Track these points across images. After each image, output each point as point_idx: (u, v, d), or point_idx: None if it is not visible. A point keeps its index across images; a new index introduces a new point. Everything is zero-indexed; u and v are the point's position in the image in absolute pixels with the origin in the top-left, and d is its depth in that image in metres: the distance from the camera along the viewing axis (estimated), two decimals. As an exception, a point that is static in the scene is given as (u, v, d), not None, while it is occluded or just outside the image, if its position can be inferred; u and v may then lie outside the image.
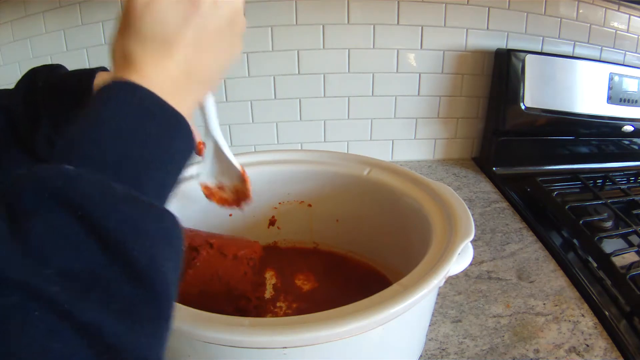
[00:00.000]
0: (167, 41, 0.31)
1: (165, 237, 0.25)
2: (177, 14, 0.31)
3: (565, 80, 0.90)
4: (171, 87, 0.31)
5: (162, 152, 0.29)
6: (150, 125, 0.28)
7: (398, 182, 0.56)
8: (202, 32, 0.32)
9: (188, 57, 0.31)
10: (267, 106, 0.93)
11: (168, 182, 0.30)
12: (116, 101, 0.28)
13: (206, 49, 0.33)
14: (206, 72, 0.34)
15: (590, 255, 0.69)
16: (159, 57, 0.31)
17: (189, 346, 0.38)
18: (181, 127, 0.31)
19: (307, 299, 0.56)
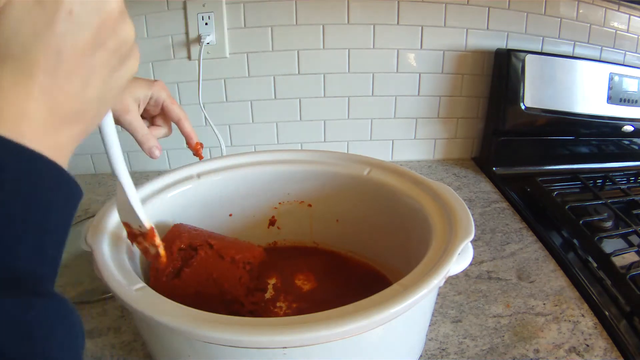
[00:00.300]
0: (19, 62, 0.25)
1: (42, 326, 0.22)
2: (29, 28, 0.25)
3: (565, 80, 0.90)
4: (32, 124, 0.25)
5: (26, 210, 0.23)
6: (4, 182, 0.23)
7: (398, 182, 0.56)
8: (59, 54, 0.25)
9: (48, 87, 0.25)
10: (267, 106, 0.93)
11: (48, 243, 0.25)
12: None
13: (69, 77, 0.26)
14: (75, 106, 0.27)
15: (590, 255, 0.69)
16: (12, 79, 0.25)
17: (189, 346, 0.38)
18: (49, 174, 0.25)
19: (307, 299, 0.56)
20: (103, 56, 0.27)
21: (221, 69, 0.90)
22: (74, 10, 0.25)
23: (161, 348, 0.42)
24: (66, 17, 0.25)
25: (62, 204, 0.26)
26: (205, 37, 0.86)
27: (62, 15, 0.25)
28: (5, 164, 0.23)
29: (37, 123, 0.25)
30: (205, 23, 0.85)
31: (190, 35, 0.86)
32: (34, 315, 0.22)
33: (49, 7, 0.25)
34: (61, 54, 0.25)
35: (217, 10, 0.85)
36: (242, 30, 0.87)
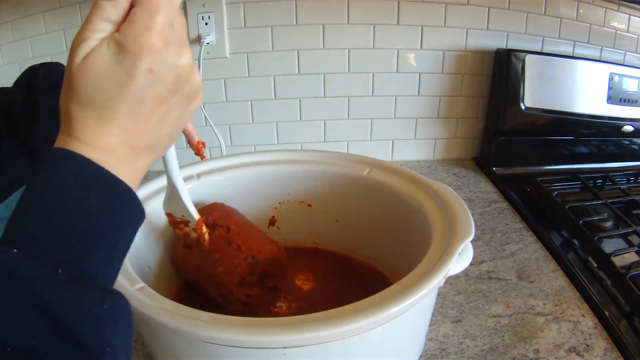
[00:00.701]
0: (103, 109, 0.29)
1: (110, 317, 0.26)
2: (111, 83, 0.28)
3: (565, 80, 0.90)
4: (113, 155, 0.30)
5: (106, 226, 0.28)
6: (91, 199, 0.28)
7: (398, 182, 0.56)
8: (141, 103, 0.29)
9: (128, 127, 0.30)
10: (267, 106, 0.93)
11: (116, 254, 0.29)
12: (55, 174, 0.28)
13: (148, 118, 0.30)
14: (152, 139, 0.32)
15: (590, 255, 0.69)
16: (96, 124, 0.29)
17: (189, 346, 0.38)
18: (125, 197, 0.30)
19: (307, 299, 0.56)
20: (177, 100, 0.32)
21: (221, 69, 0.90)
22: (154, 69, 0.29)
23: (161, 348, 0.42)
24: (146, 74, 0.29)
25: (131, 224, 0.31)
26: (205, 37, 0.86)
27: (142, 73, 0.29)
28: (92, 185, 0.28)
29: (119, 155, 0.30)
30: (205, 23, 0.85)
31: (190, 35, 0.86)
32: (106, 309, 0.26)
33: (129, 65, 0.28)
34: (142, 103, 0.29)
35: (217, 10, 0.85)
36: (242, 30, 0.87)
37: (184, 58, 0.31)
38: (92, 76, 0.28)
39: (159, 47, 0.29)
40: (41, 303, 0.24)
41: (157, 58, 0.29)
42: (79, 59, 0.28)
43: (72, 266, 0.26)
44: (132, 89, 0.29)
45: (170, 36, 0.29)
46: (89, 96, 0.28)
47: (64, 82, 0.29)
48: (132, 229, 0.31)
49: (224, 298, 0.52)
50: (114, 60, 0.28)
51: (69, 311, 0.24)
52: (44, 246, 0.26)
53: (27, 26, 0.85)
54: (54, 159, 0.28)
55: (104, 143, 0.29)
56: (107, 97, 0.28)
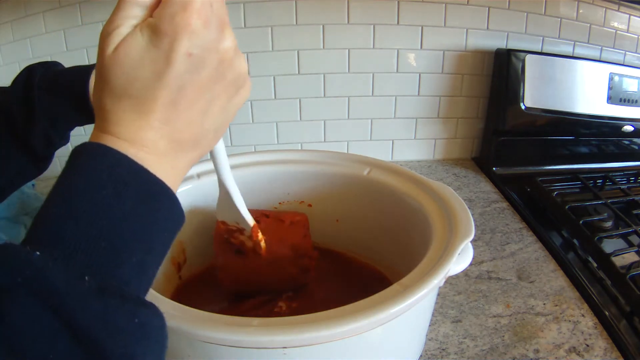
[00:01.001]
0: (140, 100, 0.26)
1: (140, 332, 0.24)
2: (147, 70, 0.26)
3: (565, 80, 0.90)
4: (152, 151, 0.27)
5: (141, 228, 0.26)
6: (125, 198, 0.25)
7: (398, 182, 0.56)
8: (181, 90, 0.27)
9: (168, 118, 0.27)
10: (267, 106, 0.93)
11: (150, 261, 0.27)
12: (86, 171, 0.25)
13: (189, 107, 0.28)
14: (195, 132, 0.29)
15: (590, 255, 0.69)
16: (133, 116, 0.27)
17: (188, 346, 0.38)
18: (163, 198, 0.27)
19: (307, 299, 0.56)
20: (221, 88, 0.29)
21: (221, 69, 0.89)
22: (193, 52, 0.26)
23: (161, 348, 0.42)
24: (185, 58, 0.26)
25: (168, 228, 0.28)
26: (205, 37, 0.85)
27: (181, 58, 0.26)
28: (128, 183, 0.25)
29: (158, 150, 0.27)
30: (205, 23, 0.85)
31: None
32: (137, 323, 0.24)
33: (165, 48, 0.26)
34: (182, 90, 0.27)
35: (217, 10, 0.85)
36: (242, 30, 0.87)
37: (226, 41, 0.28)
38: (126, 65, 0.26)
39: (198, 27, 0.26)
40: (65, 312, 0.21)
41: (196, 40, 0.26)
42: (110, 49, 0.26)
43: (101, 272, 0.24)
44: (170, 75, 0.26)
45: (209, 16, 0.27)
46: (124, 87, 0.26)
47: (97, 76, 0.27)
48: (170, 233, 0.28)
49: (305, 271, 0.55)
50: (150, 46, 0.26)
51: (95, 323, 0.22)
52: (71, 249, 0.23)
53: (27, 26, 0.85)
54: (86, 154, 0.26)
55: (142, 137, 0.27)
56: (143, 86, 0.26)
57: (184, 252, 0.58)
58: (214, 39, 0.27)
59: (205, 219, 0.58)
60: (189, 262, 0.59)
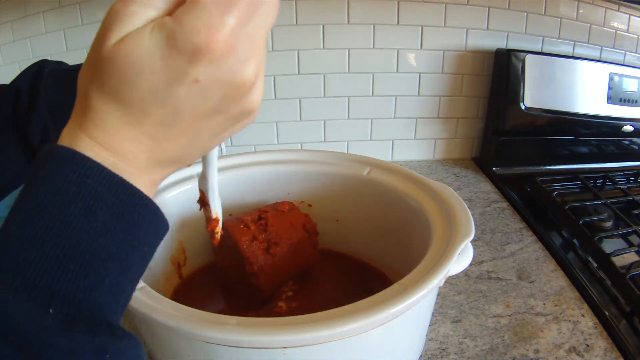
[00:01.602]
0: (131, 109, 0.24)
1: None
2: (148, 81, 0.23)
3: (565, 80, 0.90)
4: (131, 162, 0.25)
5: (116, 247, 0.23)
6: (98, 212, 0.23)
7: (398, 182, 0.56)
8: (176, 115, 0.24)
9: (156, 136, 0.25)
10: (268, 106, 0.93)
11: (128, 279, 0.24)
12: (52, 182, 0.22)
13: (181, 133, 0.25)
14: (179, 154, 0.26)
15: (590, 255, 0.69)
16: (119, 124, 0.24)
17: (188, 346, 0.38)
18: (143, 211, 0.25)
19: (307, 299, 0.56)
20: (220, 120, 0.26)
21: (221, 69, 0.89)
22: (201, 80, 0.23)
23: (161, 348, 0.42)
24: (190, 83, 0.23)
25: (149, 241, 0.26)
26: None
27: (186, 81, 0.23)
28: (101, 196, 0.23)
29: (138, 163, 0.25)
30: (205, 23, 0.85)
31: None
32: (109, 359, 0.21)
33: (173, 67, 0.23)
34: (178, 114, 0.24)
35: (217, 10, 0.85)
36: (242, 30, 0.87)
37: (245, 73, 0.24)
38: (127, 66, 0.22)
39: (218, 55, 0.22)
40: (28, 351, 0.19)
41: (209, 68, 0.23)
42: (114, 38, 0.23)
43: (69, 298, 0.21)
44: (170, 96, 0.23)
45: (237, 43, 0.23)
46: (118, 90, 0.23)
47: (88, 61, 0.24)
48: (151, 247, 0.26)
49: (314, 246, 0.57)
50: (158, 55, 0.22)
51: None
52: (34, 275, 0.21)
53: (27, 26, 0.85)
54: (54, 159, 0.23)
55: (123, 147, 0.24)
56: (139, 96, 0.23)
57: (184, 252, 0.58)
58: (230, 71, 0.23)
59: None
60: (189, 262, 0.59)
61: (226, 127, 0.27)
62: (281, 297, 0.56)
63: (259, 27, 0.24)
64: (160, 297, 0.38)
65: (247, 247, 0.51)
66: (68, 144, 0.24)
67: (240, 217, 0.54)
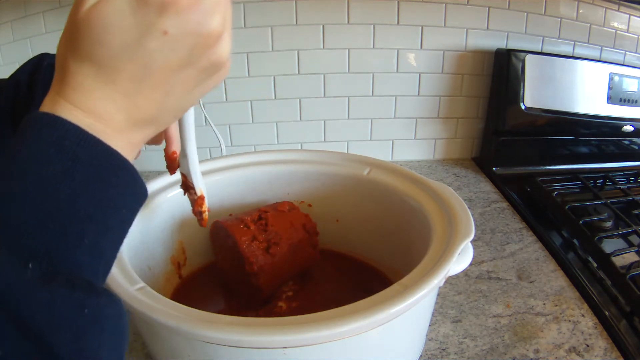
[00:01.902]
0: (102, 68, 0.25)
1: (92, 324, 0.22)
2: (118, 37, 0.24)
3: (565, 80, 0.90)
4: (109, 123, 0.25)
5: (93, 206, 0.24)
6: (75, 173, 0.23)
7: (398, 182, 0.56)
8: (148, 68, 0.25)
9: (129, 92, 0.25)
10: (267, 106, 0.93)
11: (107, 241, 0.25)
12: (31, 145, 0.23)
13: (153, 87, 0.26)
14: (153, 112, 0.27)
15: (590, 255, 0.69)
16: (94, 84, 0.25)
17: (188, 346, 0.38)
18: (120, 172, 0.25)
19: (307, 299, 0.56)
20: (191, 73, 0.27)
21: (221, 69, 0.89)
22: (169, 31, 0.24)
23: (161, 348, 0.42)
24: (159, 36, 0.24)
25: (127, 204, 0.26)
26: (205, 37, 0.85)
27: (156, 34, 0.24)
28: (79, 157, 0.23)
29: (115, 123, 0.25)
30: (205, 23, 0.85)
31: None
32: (88, 314, 0.22)
33: (142, 22, 0.24)
34: (149, 68, 0.25)
35: (217, 10, 0.85)
36: (242, 30, 0.87)
37: (211, 24, 0.25)
38: (98, 27, 0.24)
39: (184, 6, 0.24)
40: (8, 304, 0.20)
41: (176, 19, 0.24)
42: (87, 4, 0.24)
43: (49, 257, 0.22)
44: (140, 50, 0.24)
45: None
46: (91, 50, 0.24)
47: (65, 30, 0.25)
48: (130, 210, 0.26)
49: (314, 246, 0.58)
50: (128, 12, 0.23)
51: (41, 316, 0.20)
52: (14, 232, 0.21)
53: (27, 26, 0.85)
54: (34, 124, 0.24)
55: (98, 107, 0.25)
56: (110, 54, 0.24)
57: (184, 252, 0.58)
58: (197, 22, 0.25)
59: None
60: (189, 262, 0.59)
61: (197, 82, 0.28)
62: (281, 297, 0.56)
63: None
64: (160, 297, 0.38)
65: (247, 247, 0.51)
66: (48, 109, 0.25)
67: (240, 217, 0.54)
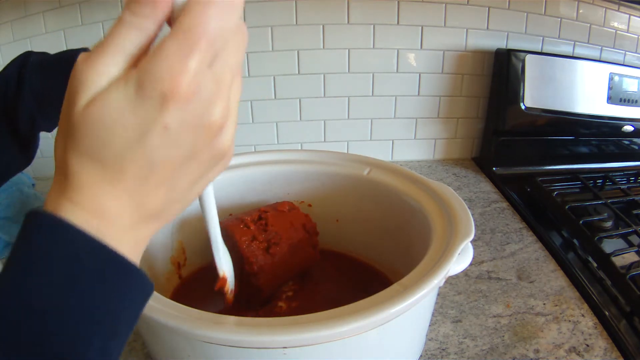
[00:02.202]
0: (107, 168, 0.24)
1: None
2: (122, 136, 0.23)
3: (565, 80, 0.90)
4: (114, 223, 0.24)
5: (101, 313, 0.23)
6: (82, 279, 0.22)
7: (398, 182, 0.56)
8: (152, 166, 0.24)
9: (134, 191, 0.24)
10: (267, 106, 0.93)
11: (117, 343, 0.24)
12: (36, 250, 0.22)
13: (158, 184, 0.25)
14: (159, 206, 0.26)
15: (590, 255, 0.69)
16: (98, 183, 0.24)
17: (188, 346, 0.38)
18: (127, 276, 0.25)
19: (307, 299, 0.56)
20: (195, 165, 0.26)
21: (221, 69, 0.89)
22: (170, 126, 0.23)
23: (161, 348, 0.42)
24: (161, 131, 0.23)
25: (134, 304, 0.25)
26: (205, 37, 0.85)
27: (157, 129, 0.23)
28: (84, 261, 0.23)
29: (120, 222, 0.25)
30: (205, 23, 0.85)
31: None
32: None
33: (143, 117, 0.23)
34: (153, 165, 0.24)
35: (217, 10, 0.85)
36: (242, 30, 0.87)
37: (213, 114, 0.24)
38: (99, 126, 0.23)
39: (182, 99, 0.22)
40: None
41: (176, 112, 0.23)
42: (82, 101, 0.23)
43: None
44: (143, 148, 0.23)
45: (201, 86, 0.23)
46: (93, 149, 0.23)
47: (60, 129, 0.24)
48: (136, 309, 0.26)
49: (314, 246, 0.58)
50: (128, 109, 0.22)
51: None
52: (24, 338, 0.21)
53: (27, 26, 0.85)
54: (37, 227, 0.23)
55: (104, 208, 0.24)
56: (114, 153, 0.23)
57: (184, 252, 0.58)
58: (198, 114, 0.23)
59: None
60: (189, 262, 0.59)
61: (201, 175, 0.27)
62: (281, 297, 0.56)
63: (224, 67, 0.24)
64: (160, 297, 0.38)
65: (247, 247, 0.51)
66: (52, 209, 0.24)
67: (240, 217, 0.54)
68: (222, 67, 0.24)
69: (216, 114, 0.24)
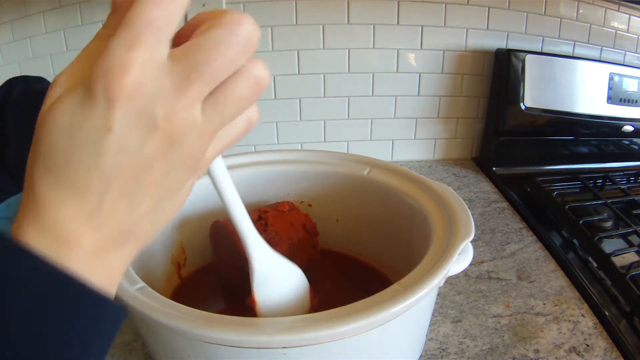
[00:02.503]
0: (64, 179, 0.21)
1: None
2: (67, 142, 0.21)
3: (565, 80, 0.90)
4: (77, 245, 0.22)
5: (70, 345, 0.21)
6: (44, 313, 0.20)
7: (398, 182, 0.56)
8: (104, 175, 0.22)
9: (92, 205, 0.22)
10: (267, 106, 0.93)
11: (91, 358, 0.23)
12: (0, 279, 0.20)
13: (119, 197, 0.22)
14: (124, 226, 0.23)
15: (590, 255, 0.69)
16: (58, 198, 0.21)
17: (188, 346, 0.38)
18: (93, 307, 0.22)
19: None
20: (155, 175, 0.23)
21: (221, 69, 0.89)
22: (113, 127, 0.21)
23: (161, 348, 0.42)
24: (105, 133, 0.21)
25: (104, 335, 0.23)
26: (205, 37, 0.85)
27: (102, 132, 0.21)
28: (47, 292, 0.20)
29: (83, 247, 0.22)
30: (205, 23, 0.85)
31: (190, 35, 0.86)
32: None
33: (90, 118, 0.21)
34: (104, 174, 0.22)
35: (217, 10, 0.85)
36: (242, 30, 0.87)
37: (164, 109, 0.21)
38: (55, 132, 0.21)
39: (124, 94, 0.20)
40: None
41: (118, 112, 0.20)
42: (47, 103, 0.21)
43: None
44: (95, 157, 0.21)
45: (148, 76, 0.21)
46: (50, 160, 0.21)
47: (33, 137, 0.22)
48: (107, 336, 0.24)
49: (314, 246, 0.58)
50: (80, 111, 0.21)
51: None
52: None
53: (27, 26, 0.85)
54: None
55: (66, 231, 0.22)
56: (68, 164, 0.21)
57: (184, 252, 0.58)
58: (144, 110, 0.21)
59: (205, 219, 0.58)
60: (189, 262, 0.59)
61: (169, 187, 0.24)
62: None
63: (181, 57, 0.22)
64: (160, 297, 0.38)
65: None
66: (15, 233, 0.22)
67: None
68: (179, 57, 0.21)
69: (167, 109, 0.21)
